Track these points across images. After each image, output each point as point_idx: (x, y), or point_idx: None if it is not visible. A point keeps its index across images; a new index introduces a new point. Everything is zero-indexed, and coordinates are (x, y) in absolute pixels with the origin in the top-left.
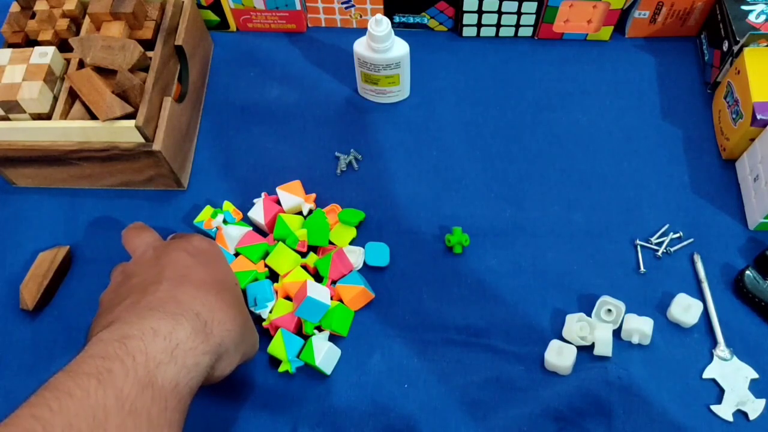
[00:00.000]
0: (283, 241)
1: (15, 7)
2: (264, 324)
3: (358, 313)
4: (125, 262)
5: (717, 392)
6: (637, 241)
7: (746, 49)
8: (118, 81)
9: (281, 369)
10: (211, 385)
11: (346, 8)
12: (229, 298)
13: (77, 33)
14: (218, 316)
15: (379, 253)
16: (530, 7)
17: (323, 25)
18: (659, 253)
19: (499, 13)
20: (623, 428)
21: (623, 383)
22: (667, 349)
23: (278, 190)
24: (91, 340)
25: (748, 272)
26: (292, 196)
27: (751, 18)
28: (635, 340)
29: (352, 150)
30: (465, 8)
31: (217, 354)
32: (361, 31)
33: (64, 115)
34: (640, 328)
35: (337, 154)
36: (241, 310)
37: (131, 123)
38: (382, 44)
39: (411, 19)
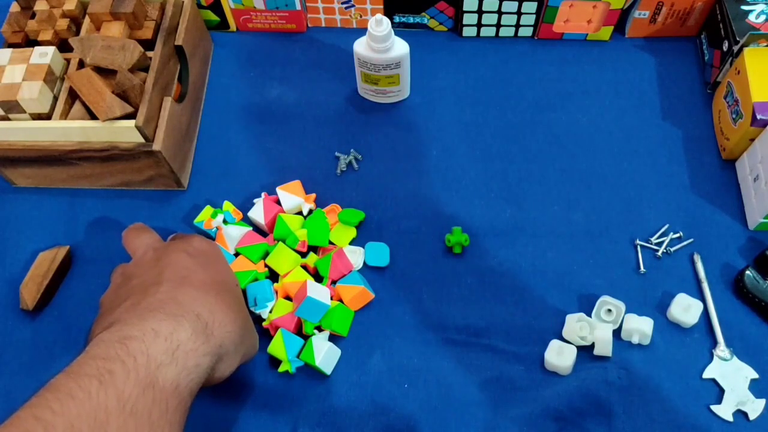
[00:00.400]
0: (283, 241)
1: (15, 7)
2: (264, 324)
3: (358, 313)
4: (125, 263)
5: (717, 392)
6: (637, 241)
7: (746, 49)
8: (118, 81)
9: (281, 369)
10: (212, 386)
11: (346, 8)
12: (229, 299)
13: (77, 33)
14: (219, 317)
15: (379, 253)
16: (530, 7)
17: (323, 25)
18: (659, 253)
19: (499, 13)
20: (623, 428)
21: (623, 383)
22: (667, 349)
23: (278, 190)
24: (92, 341)
25: (748, 272)
26: (292, 196)
27: (751, 18)
28: (635, 340)
29: (352, 150)
30: (465, 8)
31: (218, 355)
32: (361, 31)
33: (64, 115)
34: (640, 328)
35: (337, 154)
36: (242, 311)
37: (131, 123)
38: (382, 44)
39: (411, 19)
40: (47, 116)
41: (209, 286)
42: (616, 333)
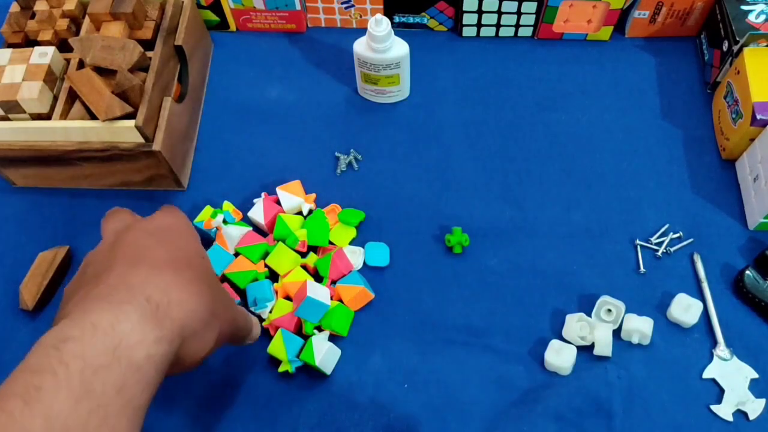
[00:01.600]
0: (283, 241)
1: (15, 7)
2: (264, 324)
3: (358, 313)
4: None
5: (717, 392)
6: (637, 241)
7: (746, 49)
8: (118, 81)
9: (281, 369)
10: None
11: (346, 8)
12: (190, 274)
13: (77, 33)
14: (176, 296)
15: (379, 253)
16: (530, 7)
17: (323, 25)
18: (659, 253)
19: (499, 13)
20: (623, 428)
21: (623, 383)
22: (667, 349)
23: (278, 190)
24: (35, 344)
25: (748, 272)
26: (292, 196)
27: (751, 18)
28: (635, 340)
29: (352, 150)
30: (465, 8)
31: (180, 338)
32: (361, 31)
33: (64, 115)
34: (640, 328)
35: (337, 154)
36: (209, 285)
37: (131, 123)
38: (382, 44)
39: (411, 19)
40: (47, 116)
41: (167, 264)
42: (616, 333)
